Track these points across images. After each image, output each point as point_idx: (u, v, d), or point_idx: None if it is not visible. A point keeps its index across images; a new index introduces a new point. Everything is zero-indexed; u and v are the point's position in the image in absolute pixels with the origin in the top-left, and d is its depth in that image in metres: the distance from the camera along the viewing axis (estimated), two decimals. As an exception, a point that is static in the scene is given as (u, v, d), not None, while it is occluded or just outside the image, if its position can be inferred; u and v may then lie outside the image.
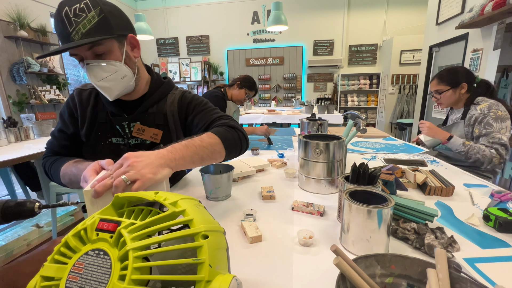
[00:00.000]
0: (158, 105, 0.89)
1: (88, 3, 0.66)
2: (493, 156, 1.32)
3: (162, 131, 0.88)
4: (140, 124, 0.86)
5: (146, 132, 0.86)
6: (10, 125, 2.17)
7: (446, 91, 1.49)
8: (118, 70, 0.74)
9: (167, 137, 0.89)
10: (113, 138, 0.87)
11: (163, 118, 0.88)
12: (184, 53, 6.64)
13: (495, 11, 2.46)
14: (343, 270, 0.38)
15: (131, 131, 0.86)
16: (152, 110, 0.88)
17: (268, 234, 0.67)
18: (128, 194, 0.37)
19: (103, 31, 0.68)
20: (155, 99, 0.88)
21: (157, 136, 0.88)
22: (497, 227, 0.67)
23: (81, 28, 0.65)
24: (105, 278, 0.27)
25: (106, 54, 0.72)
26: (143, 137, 0.87)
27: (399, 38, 5.22)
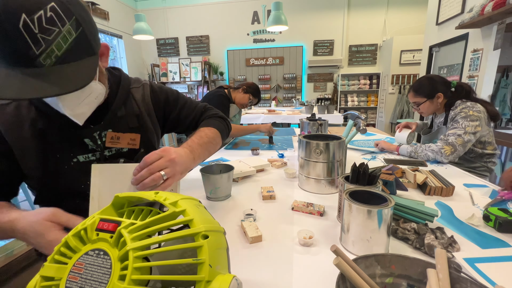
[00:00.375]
0: (125, 105, 0.75)
1: (56, 9, 0.45)
2: (441, 147, 1.31)
3: (139, 134, 0.76)
4: (112, 131, 0.71)
5: (122, 140, 0.73)
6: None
7: (424, 103, 1.50)
8: (93, 91, 0.59)
9: (146, 139, 0.78)
10: (80, 156, 0.68)
11: (137, 120, 0.76)
12: (184, 53, 6.64)
13: (495, 11, 2.46)
14: (343, 270, 0.38)
15: (104, 141, 0.71)
16: (121, 113, 0.74)
17: (268, 234, 0.67)
18: (128, 194, 0.37)
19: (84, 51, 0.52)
20: (121, 99, 0.74)
21: (135, 141, 0.75)
22: (497, 227, 0.67)
23: (54, 49, 0.46)
24: (105, 278, 0.27)
25: None
26: (119, 145, 0.73)
27: (399, 38, 5.22)
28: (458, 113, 1.37)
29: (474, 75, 3.08)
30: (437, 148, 1.32)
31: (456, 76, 3.48)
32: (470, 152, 1.43)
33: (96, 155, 0.71)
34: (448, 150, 1.30)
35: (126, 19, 5.93)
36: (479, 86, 2.99)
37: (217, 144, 0.79)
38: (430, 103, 1.49)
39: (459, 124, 1.35)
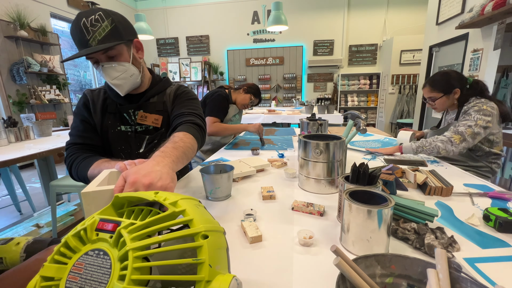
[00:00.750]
0: (158, 96, 1.02)
1: (101, 14, 0.79)
2: (450, 137, 1.29)
3: (162, 116, 0.99)
4: (143, 111, 0.97)
5: (148, 118, 0.98)
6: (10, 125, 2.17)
7: (440, 98, 1.48)
8: (127, 70, 0.88)
9: (167, 121, 1.01)
10: (122, 126, 0.98)
11: (162, 105, 1.01)
12: (184, 53, 6.64)
13: (495, 11, 2.46)
14: (343, 270, 0.38)
15: (136, 118, 0.98)
16: (153, 100, 1.01)
17: (268, 234, 0.67)
18: (128, 194, 0.37)
19: (115, 37, 0.81)
20: (156, 91, 1.01)
21: (158, 121, 0.99)
22: (497, 227, 0.67)
23: (97, 36, 0.77)
24: (105, 278, 0.27)
25: (117, 56, 0.85)
26: (145, 123, 0.98)
27: (399, 38, 5.22)
28: (471, 106, 1.36)
29: (474, 75, 3.08)
30: (446, 138, 1.30)
31: (456, 76, 3.48)
32: (477, 150, 1.42)
33: (132, 127, 0.98)
34: (457, 139, 1.28)
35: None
36: (479, 86, 2.99)
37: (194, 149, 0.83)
38: (447, 98, 1.47)
39: (471, 116, 1.33)
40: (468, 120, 1.34)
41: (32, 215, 2.29)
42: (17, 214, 2.57)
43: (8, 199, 2.69)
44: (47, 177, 2.39)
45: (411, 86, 5.36)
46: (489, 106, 1.34)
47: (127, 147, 0.98)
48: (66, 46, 4.93)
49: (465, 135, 1.29)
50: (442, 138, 1.31)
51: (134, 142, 0.99)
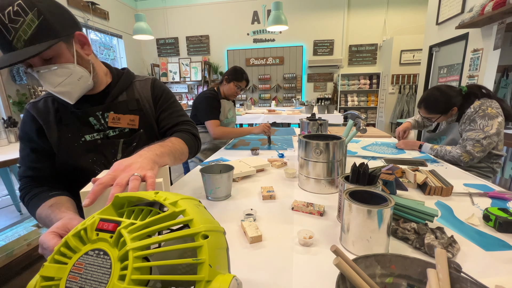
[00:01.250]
0: (127, 92, 0.88)
1: (21, 4, 0.58)
2: (460, 155, 1.34)
3: (138, 116, 0.87)
4: (114, 113, 0.83)
5: (122, 120, 0.84)
6: (10, 125, 2.17)
7: (438, 118, 1.50)
8: (73, 73, 0.70)
9: (144, 120, 0.88)
10: (86, 136, 0.81)
11: (136, 104, 0.88)
12: (184, 53, 6.64)
13: (495, 11, 2.46)
14: (343, 270, 0.38)
15: (106, 122, 0.82)
16: (123, 97, 0.86)
17: (268, 234, 0.67)
18: (129, 194, 0.37)
19: (47, 35, 0.62)
20: (122, 86, 0.87)
21: (134, 122, 0.86)
22: (497, 227, 0.67)
23: (21, 34, 0.58)
24: (105, 278, 0.27)
25: (56, 58, 0.67)
26: (120, 125, 0.84)
27: (399, 38, 5.22)
28: (477, 110, 1.36)
29: (474, 75, 3.08)
30: (457, 155, 1.34)
31: (456, 76, 3.48)
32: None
33: (100, 134, 0.82)
34: (466, 157, 1.33)
35: (126, 19, 5.93)
36: (479, 86, 2.99)
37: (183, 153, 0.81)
38: (445, 116, 1.49)
39: (477, 124, 1.34)
40: (474, 130, 1.34)
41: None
42: (17, 214, 2.57)
43: (8, 199, 2.69)
44: None
45: (411, 86, 5.36)
46: (493, 108, 1.33)
47: (100, 158, 0.82)
48: (66, 46, 4.93)
49: (473, 153, 1.32)
50: (454, 154, 1.35)
51: (107, 150, 0.83)
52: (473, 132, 1.34)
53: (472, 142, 1.32)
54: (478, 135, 1.32)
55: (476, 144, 1.32)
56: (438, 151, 1.40)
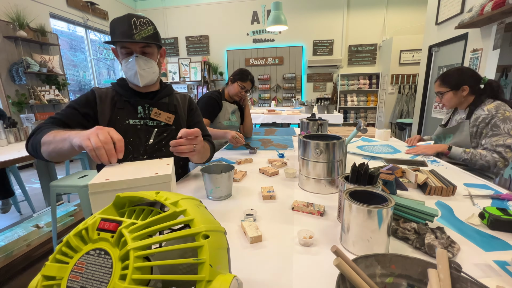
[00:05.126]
0: (169, 98, 1.15)
1: (148, 21, 0.98)
2: (496, 160, 1.31)
3: (174, 116, 1.12)
4: (157, 109, 1.08)
5: (162, 115, 1.09)
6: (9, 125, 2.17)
7: (446, 93, 1.47)
8: (153, 67, 1.03)
9: (177, 121, 1.13)
10: (130, 120, 1.04)
11: (174, 108, 1.14)
12: (183, 53, 6.64)
13: (494, 11, 2.47)
14: (343, 271, 0.38)
15: (149, 113, 1.07)
16: (165, 100, 1.13)
17: (268, 234, 0.67)
18: (129, 194, 0.37)
19: (154, 40, 1.00)
20: (165, 93, 1.14)
21: (170, 119, 1.10)
22: (489, 224, 0.68)
23: (142, 33, 0.95)
24: (106, 278, 0.27)
25: (150, 54, 1.01)
26: (159, 119, 1.08)
27: (399, 38, 5.22)
28: (494, 114, 1.33)
29: (473, 75, 3.08)
30: (493, 160, 1.32)
31: (456, 76, 3.48)
32: None
33: (141, 122, 1.06)
34: (502, 163, 1.32)
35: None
36: (478, 86, 2.99)
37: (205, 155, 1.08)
38: (454, 94, 1.46)
39: (500, 129, 1.32)
40: (501, 135, 1.32)
41: (31, 216, 2.28)
42: (17, 215, 2.56)
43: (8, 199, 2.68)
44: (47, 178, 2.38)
45: (411, 86, 5.36)
46: (510, 111, 1.32)
47: (136, 139, 1.04)
48: (66, 47, 4.93)
49: (508, 159, 1.31)
50: (489, 159, 1.32)
51: (143, 134, 1.05)
52: (500, 136, 1.32)
53: (503, 148, 1.30)
54: (506, 139, 1.30)
55: (507, 150, 1.30)
56: (472, 155, 1.35)
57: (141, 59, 0.99)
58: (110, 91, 1.07)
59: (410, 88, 5.37)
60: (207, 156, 1.13)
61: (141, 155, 1.03)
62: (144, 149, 1.04)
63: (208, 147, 1.12)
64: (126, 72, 1.01)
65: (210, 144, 1.18)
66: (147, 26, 0.97)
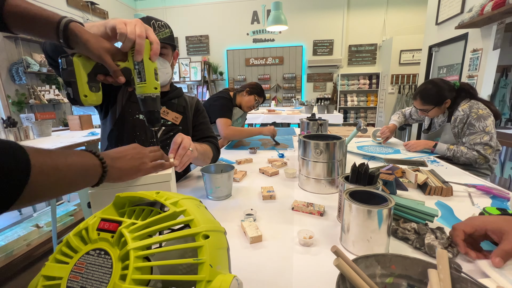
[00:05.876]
0: (178, 99, 1.17)
1: (166, 24, 1.02)
2: (476, 157, 1.39)
3: (182, 116, 1.14)
4: (165, 108, 1.10)
5: (170, 114, 1.11)
6: (9, 125, 2.17)
7: (432, 110, 1.54)
8: (167, 67, 1.04)
9: (184, 122, 1.15)
10: (141, 115, 1.06)
11: (182, 109, 1.16)
12: (183, 53, 6.63)
13: (494, 11, 2.47)
14: (344, 271, 0.38)
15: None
16: (175, 101, 1.15)
17: (268, 234, 0.67)
18: (129, 194, 0.37)
19: (170, 40, 1.03)
20: (175, 95, 1.16)
21: (178, 119, 1.13)
22: None
23: (160, 35, 0.98)
24: (106, 278, 0.27)
25: (165, 55, 1.03)
26: (166, 117, 1.11)
27: (399, 38, 5.22)
28: (469, 114, 1.41)
29: (473, 75, 3.09)
30: (473, 157, 1.39)
31: (456, 76, 3.49)
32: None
33: None
34: (482, 160, 1.39)
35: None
36: (478, 86, 3.00)
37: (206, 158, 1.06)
38: (438, 109, 1.53)
39: (475, 127, 1.39)
40: (477, 133, 1.39)
41: (31, 215, 2.28)
42: (17, 214, 2.56)
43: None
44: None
45: (411, 86, 5.37)
46: (481, 109, 1.40)
47: (142, 134, 1.06)
48: (66, 46, 4.92)
49: (487, 156, 1.38)
50: (469, 156, 1.40)
51: (150, 131, 1.06)
52: (476, 135, 1.39)
53: (481, 146, 1.38)
54: (482, 137, 1.38)
55: (486, 147, 1.37)
56: (455, 152, 1.43)
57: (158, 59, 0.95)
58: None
59: (410, 88, 5.37)
60: (210, 157, 1.12)
61: None
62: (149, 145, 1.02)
63: (208, 148, 1.11)
64: None
65: (212, 145, 1.17)
66: (164, 28, 1.00)
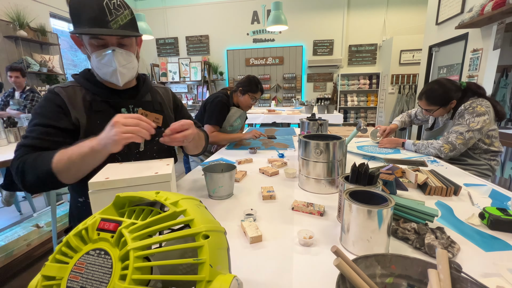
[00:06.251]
0: (151, 94, 0.99)
1: (123, 2, 0.81)
2: (440, 146, 1.38)
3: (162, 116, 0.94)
4: (142, 109, 0.89)
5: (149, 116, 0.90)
6: (10, 125, 2.17)
7: (438, 110, 1.51)
8: (133, 61, 0.86)
9: (166, 122, 0.96)
10: None
11: (160, 106, 1.00)
12: (183, 53, 6.63)
13: (495, 11, 2.46)
14: (344, 271, 0.38)
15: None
16: (148, 98, 0.97)
17: (268, 234, 0.67)
18: (130, 194, 0.37)
19: (133, 28, 0.83)
20: (146, 89, 0.98)
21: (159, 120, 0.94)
22: (489, 224, 0.68)
23: (119, 20, 0.77)
24: (106, 278, 0.27)
25: (128, 46, 0.84)
26: None
27: (399, 38, 5.21)
28: (467, 107, 1.39)
29: (473, 75, 3.09)
30: (438, 146, 1.39)
31: (456, 76, 3.49)
32: (475, 148, 1.44)
33: None
34: (447, 149, 1.37)
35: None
36: (478, 86, 2.99)
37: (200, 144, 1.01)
38: (443, 109, 1.51)
39: (464, 119, 1.38)
40: (460, 124, 1.38)
41: (31, 215, 2.29)
42: (17, 214, 2.56)
43: (8, 199, 2.68)
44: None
45: (411, 86, 5.36)
46: (483, 106, 1.37)
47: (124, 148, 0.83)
48: (66, 46, 4.92)
49: (455, 144, 1.36)
50: (435, 145, 1.40)
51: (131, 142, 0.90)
52: (459, 126, 1.39)
53: (456, 135, 1.37)
54: (461, 128, 1.37)
55: (459, 136, 1.36)
56: (419, 146, 1.46)
57: (120, 54, 0.81)
58: (78, 89, 0.86)
59: (410, 88, 5.36)
60: (202, 145, 1.03)
61: None
62: (135, 157, 0.90)
63: (202, 135, 1.05)
64: (100, 69, 0.82)
65: (204, 132, 1.11)
66: (122, 9, 0.78)
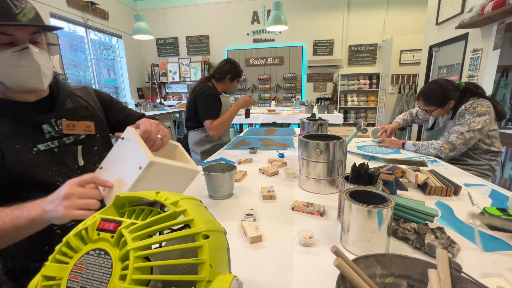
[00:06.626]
0: (72, 100, 0.83)
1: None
2: (441, 146, 1.38)
3: (93, 122, 0.84)
4: (66, 120, 0.77)
5: (77, 127, 0.80)
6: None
7: (435, 110, 1.52)
8: (49, 61, 0.72)
9: (100, 127, 0.87)
10: (40, 145, 0.71)
11: (86, 110, 0.85)
12: (184, 53, 6.63)
13: (495, 11, 2.46)
14: (344, 271, 0.38)
15: (61, 129, 0.76)
16: (70, 105, 0.81)
17: (268, 234, 0.67)
18: (130, 194, 0.37)
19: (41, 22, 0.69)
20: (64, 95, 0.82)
21: (90, 128, 0.83)
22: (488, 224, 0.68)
23: (26, 13, 0.64)
24: (106, 278, 0.27)
25: (40, 43, 0.70)
26: (76, 132, 0.79)
27: (399, 38, 5.21)
28: (467, 108, 1.39)
29: (474, 75, 3.09)
30: (438, 146, 1.38)
31: (456, 76, 3.49)
32: (475, 149, 1.44)
33: (55, 142, 0.75)
34: (447, 149, 1.36)
35: (125, 19, 5.93)
36: (478, 86, 2.99)
37: None
38: (442, 109, 1.51)
39: (465, 119, 1.37)
40: (461, 124, 1.38)
41: (32, 215, 2.28)
42: (17, 214, 2.56)
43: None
44: None
45: (411, 86, 5.36)
46: (484, 106, 1.36)
47: (61, 167, 0.74)
48: (66, 46, 4.92)
49: (456, 144, 1.36)
50: (435, 146, 1.40)
51: (67, 157, 0.77)
52: (460, 126, 1.38)
53: (456, 135, 1.37)
54: (462, 128, 1.37)
55: (460, 136, 1.36)
56: (419, 146, 1.46)
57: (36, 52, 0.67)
58: None
59: (410, 88, 5.36)
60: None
61: None
62: (76, 174, 0.77)
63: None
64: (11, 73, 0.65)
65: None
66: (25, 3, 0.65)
